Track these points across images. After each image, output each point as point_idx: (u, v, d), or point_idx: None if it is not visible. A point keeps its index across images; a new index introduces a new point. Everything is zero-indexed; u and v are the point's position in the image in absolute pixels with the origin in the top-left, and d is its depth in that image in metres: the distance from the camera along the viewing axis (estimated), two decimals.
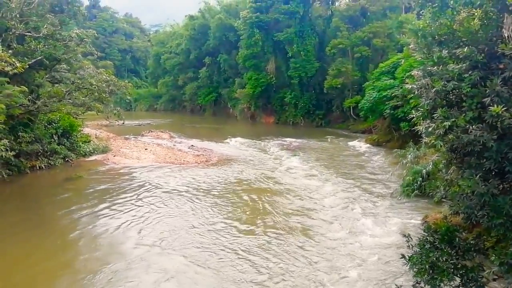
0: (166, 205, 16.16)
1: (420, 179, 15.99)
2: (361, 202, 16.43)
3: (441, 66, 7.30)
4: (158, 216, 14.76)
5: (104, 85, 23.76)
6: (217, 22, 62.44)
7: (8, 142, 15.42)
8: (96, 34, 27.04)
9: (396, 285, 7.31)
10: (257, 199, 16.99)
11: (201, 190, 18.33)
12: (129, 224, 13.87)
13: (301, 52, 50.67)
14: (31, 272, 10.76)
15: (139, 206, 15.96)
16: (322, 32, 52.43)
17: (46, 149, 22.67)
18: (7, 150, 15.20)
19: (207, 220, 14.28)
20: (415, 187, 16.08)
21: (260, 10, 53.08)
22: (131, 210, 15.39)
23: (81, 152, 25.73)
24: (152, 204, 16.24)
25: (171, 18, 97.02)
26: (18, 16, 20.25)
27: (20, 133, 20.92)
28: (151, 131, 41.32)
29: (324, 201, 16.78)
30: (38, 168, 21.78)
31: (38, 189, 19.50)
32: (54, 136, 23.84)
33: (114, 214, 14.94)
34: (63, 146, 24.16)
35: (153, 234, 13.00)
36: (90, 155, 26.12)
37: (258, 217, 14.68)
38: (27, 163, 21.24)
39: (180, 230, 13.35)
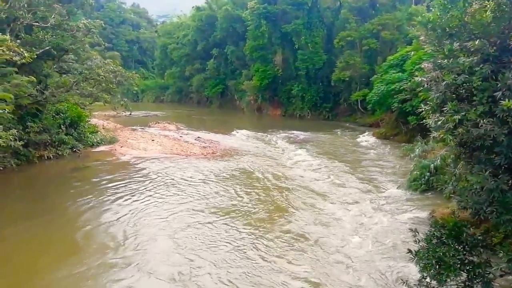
0: (172, 195, 16.23)
1: (428, 173, 15.86)
2: (367, 196, 16.37)
3: (451, 59, 7.17)
4: (162, 205, 14.87)
5: (111, 75, 23.81)
6: (224, 13, 62.06)
7: (16, 132, 15.53)
8: (103, 25, 27.04)
9: (402, 279, 7.29)
10: (262, 192, 16.99)
11: (207, 182, 18.36)
12: (134, 212, 13.99)
13: (309, 44, 50.26)
14: (41, 255, 11.08)
15: (145, 195, 16.04)
16: (331, 24, 51.91)
17: (54, 139, 22.79)
18: (15, 139, 15.31)
19: (212, 212, 14.33)
20: (423, 181, 15.97)
21: (267, 1, 52.63)
22: (136, 199, 15.49)
23: (89, 142, 25.84)
24: (158, 193, 16.32)
25: (178, 9, 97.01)
26: (26, 5, 20.26)
27: (28, 123, 21.06)
28: (158, 123, 41.41)
29: (329, 194, 16.73)
30: (46, 158, 21.94)
31: (46, 179, 19.68)
32: (62, 126, 23.94)
33: (120, 203, 15.06)
34: (70, 137, 24.26)
35: (158, 221, 13.20)
36: (98, 145, 26.23)
37: (262, 209, 14.69)
38: (35, 153, 21.39)
39: (183, 217, 13.58)
